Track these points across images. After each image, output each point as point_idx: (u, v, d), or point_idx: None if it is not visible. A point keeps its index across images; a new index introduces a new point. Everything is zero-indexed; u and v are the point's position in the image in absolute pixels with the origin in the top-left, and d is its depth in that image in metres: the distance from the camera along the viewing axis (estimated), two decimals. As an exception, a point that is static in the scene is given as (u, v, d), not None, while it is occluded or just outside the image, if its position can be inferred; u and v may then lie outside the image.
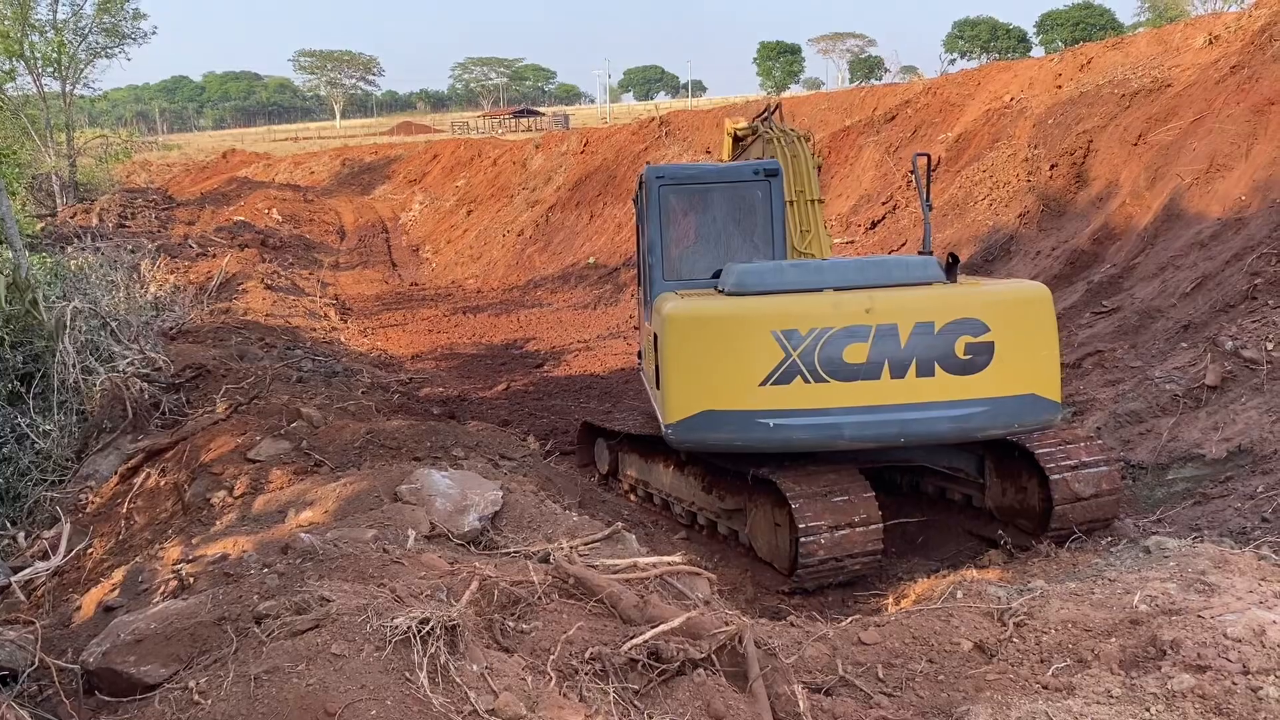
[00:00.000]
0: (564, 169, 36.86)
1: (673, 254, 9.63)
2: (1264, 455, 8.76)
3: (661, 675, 4.20)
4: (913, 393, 7.60)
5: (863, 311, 7.57)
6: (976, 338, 7.61)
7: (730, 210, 9.78)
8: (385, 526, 5.89)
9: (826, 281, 8.06)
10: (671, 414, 7.86)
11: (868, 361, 7.54)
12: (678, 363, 7.84)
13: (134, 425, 10.29)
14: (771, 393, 7.55)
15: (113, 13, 42.57)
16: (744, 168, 9.92)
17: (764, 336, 7.52)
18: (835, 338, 7.52)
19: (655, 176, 9.68)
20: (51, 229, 28.04)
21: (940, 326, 7.59)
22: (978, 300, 7.76)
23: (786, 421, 7.57)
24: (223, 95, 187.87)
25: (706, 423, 7.71)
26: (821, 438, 7.69)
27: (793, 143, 10.78)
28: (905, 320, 7.57)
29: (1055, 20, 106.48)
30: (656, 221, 9.56)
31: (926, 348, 7.58)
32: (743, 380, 7.59)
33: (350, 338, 20.56)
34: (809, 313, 7.61)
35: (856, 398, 7.57)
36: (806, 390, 7.54)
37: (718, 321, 7.79)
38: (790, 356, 7.50)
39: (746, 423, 7.61)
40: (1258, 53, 15.48)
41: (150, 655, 4.37)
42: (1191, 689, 3.91)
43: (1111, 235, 15.46)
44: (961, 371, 7.62)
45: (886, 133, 25.09)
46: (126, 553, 7.83)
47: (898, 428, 7.66)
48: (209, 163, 68.78)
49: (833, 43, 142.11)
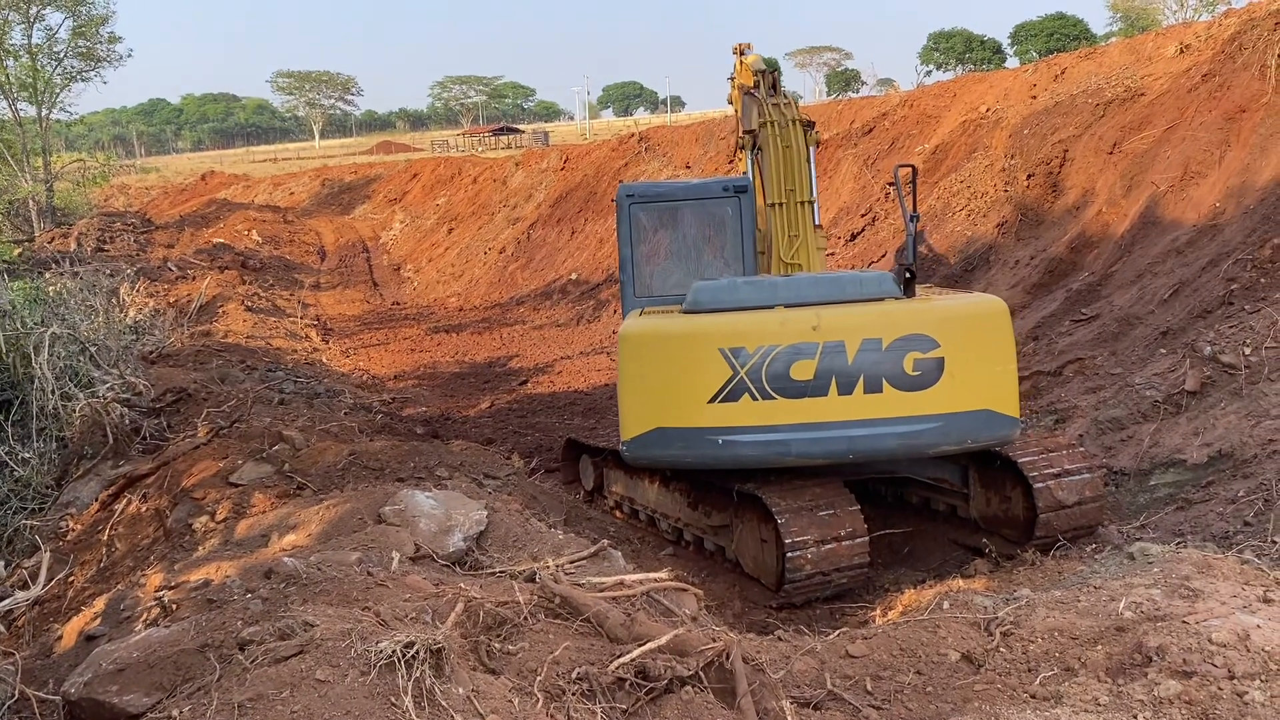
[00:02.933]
0: (544, 186, 36.89)
1: (644, 271, 9.70)
2: (1244, 459, 8.82)
3: (649, 694, 4.18)
4: (860, 409, 7.61)
5: (810, 329, 7.60)
6: (925, 354, 7.60)
7: (700, 227, 9.84)
8: (369, 549, 5.86)
9: (779, 298, 8.09)
10: (627, 430, 8.01)
11: (815, 378, 7.57)
12: (632, 381, 7.98)
13: (114, 451, 10.20)
14: (720, 410, 7.63)
15: (88, 36, 42.37)
16: (713, 184, 9.99)
17: (712, 354, 7.60)
18: (782, 355, 7.58)
19: (626, 195, 9.76)
20: (29, 254, 27.85)
21: (888, 343, 7.60)
22: (928, 316, 7.75)
23: (734, 438, 7.66)
24: (201, 117, 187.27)
25: (659, 440, 7.85)
26: (769, 454, 7.75)
27: (787, 129, 10.22)
28: (852, 337, 7.59)
29: (1029, 31, 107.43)
30: (627, 239, 9.64)
31: (874, 364, 7.59)
32: (692, 398, 7.69)
33: (332, 358, 20.48)
34: (756, 330, 7.67)
35: (804, 414, 7.60)
36: (754, 407, 7.60)
37: (668, 340, 7.92)
38: (738, 374, 7.57)
39: (696, 440, 7.72)
40: (1228, 61, 15.66)
41: (133, 684, 4.32)
42: (1178, 695, 3.92)
43: (1089, 243, 15.59)
44: (911, 388, 7.61)
45: (864, 145, 25.23)
46: (108, 580, 7.75)
47: (846, 444, 7.67)
48: (187, 185, 68.49)
49: (809, 56, 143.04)
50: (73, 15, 41.44)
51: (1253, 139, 13.82)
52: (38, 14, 40.50)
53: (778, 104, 10.51)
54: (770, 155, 10.10)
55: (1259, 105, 14.23)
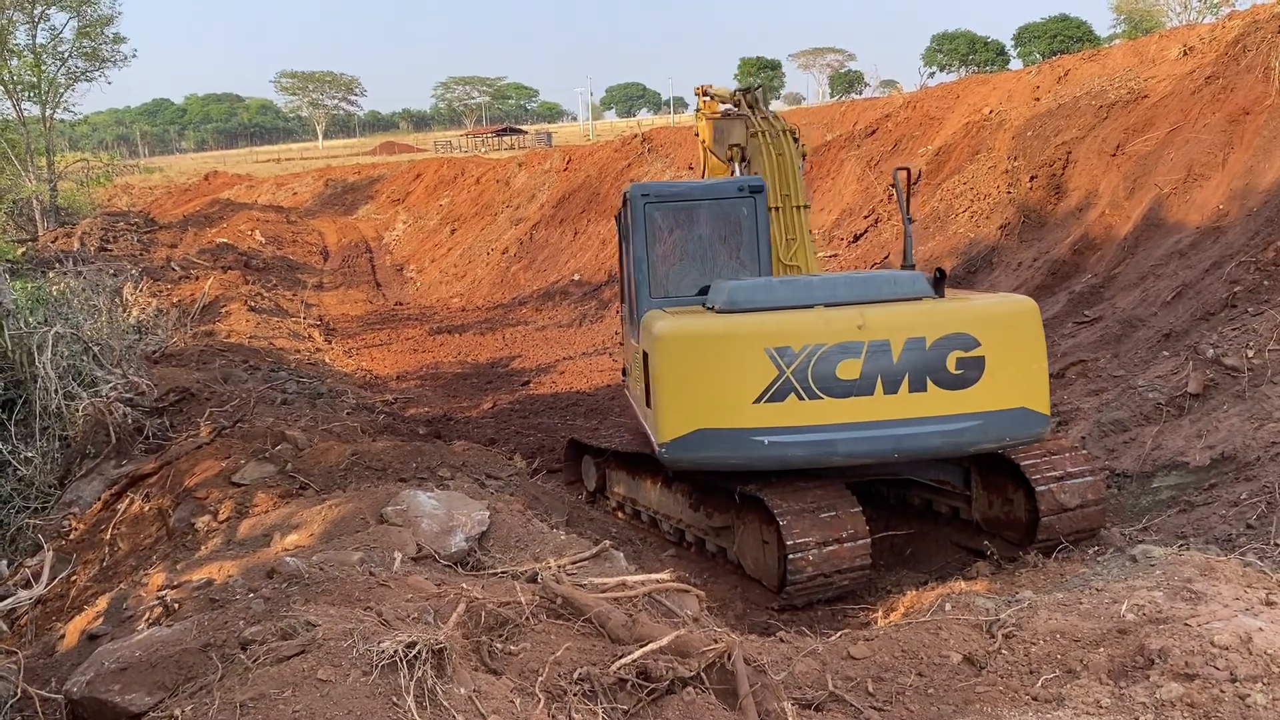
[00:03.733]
0: (547, 187, 36.91)
1: (659, 271, 9.57)
2: (1247, 462, 8.81)
3: (651, 695, 4.19)
4: (906, 408, 7.61)
5: (855, 328, 7.58)
6: (968, 352, 7.64)
7: (716, 227, 9.76)
8: (371, 549, 5.86)
9: (816, 298, 8.06)
10: (664, 433, 7.79)
11: (861, 377, 7.55)
12: (670, 381, 7.79)
13: (117, 450, 10.21)
14: (765, 410, 7.52)
15: (92, 37, 42.41)
16: (728, 184, 9.88)
17: (757, 354, 7.50)
18: (828, 354, 7.52)
19: (640, 194, 9.64)
20: (33, 254, 27.86)
21: (932, 342, 7.61)
22: (968, 315, 7.79)
23: (781, 439, 7.55)
24: (204, 117, 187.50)
25: (700, 441, 7.66)
26: (816, 455, 7.68)
27: (778, 138, 10.51)
28: (897, 336, 7.59)
29: (1032, 33, 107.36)
30: (643, 239, 9.51)
31: (919, 363, 7.60)
32: (737, 398, 7.56)
33: (335, 358, 20.49)
34: (802, 329, 7.60)
35: (850, 414, 7.57)
36: (800, 407, 7.52)
37: (710, 340, 7.76)
38: (784, 374, 7.49)
39: (741, 441, 7.58)
40: (1232, 63, 15.65)
41: (135, 683, 4.33)
42: (1180, 698, 3.92)
43: (1092, 245, 15.58)
44: (953, 386, 7.64)
45: (867, 146, 25.24)
46: (110, 580, 7.76)
47: (892, 443, 7.67)
48: (191, 185, 68.57)
49: (813, 58, 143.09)
50: (77, 15, 41.51)
51: (1256, 141, 13.81)
52: (42, 14, 40.58)
53: (765, 116, 10.95)
54: (765, 163, 10.45)
55: (1262, 108, 14.23)
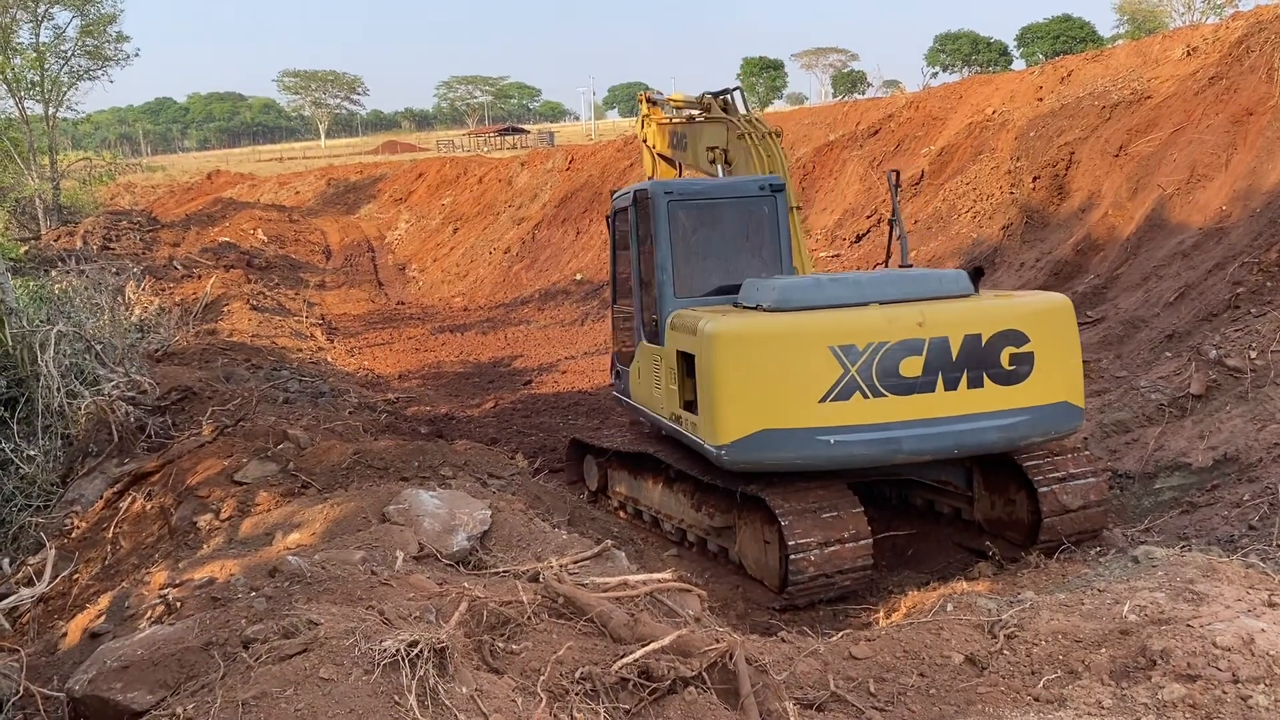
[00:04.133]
0: (549, 186, 36.92)
1: (683, 270, 9.41)
2: (1250, 463, 8.80)
3: (652, 694, 4.19)
4: (965, 404, 7.68)
5: (916, 325, 7.60)
6: (1019, 348, 7.74)
7: (737, 225, 9.67)
8: (373, 548, 5.87)
9: (868, 295, 8.05)
10: (723, 435, 7.62)
11: (923, 374, 7.57)
12: (730, 382, 7.62)
13: (119, 449, 10.22)
14: (831, 409, 7.47)
15: (95, 35, 42.44)
16: (749, 183, 9.81)
17: (822, 352, 7.45)
18: (892, 352, 7.52)
19: (663, 191, 9.48)
20: (35, 252, 27.89)
21: (987, 338, 7.68)
22: (1018, 311, 7.91)
23: (847, 438, 7.51)
24: (207, 116, 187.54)
25: (763, 442, 7.53)
26: (881, 453, 7.68)
27: (765, 140, 10.43)
28: (955, 333, 7.63)
29: (1035, 33, 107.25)
30: (666, 237, 9.34)
31: (976, 359, 7.67)
32: (802, 398, 7.47)
33: (337, 357, 20.51)
34: (866, 327, 7.58)
35: (913, 411, 7.58)
36: (866, 405, 7.50)
37: (775, 338, 7.66)
38: (849, 372, 7.45)
39: (806, 440, 7.50)
40: (1235, 64, 15.64)
41: (137, 682, 4.33)
42: (1182, 698, 3.92)
43: (1094, 246, 15.56)
44: (1007, 382, 7.74)
45: (870, 147, 25.22)
46: (113, 578, 7.77)
47: (953, 439, 7.73)
48: (193, 184, 68.61)
49: (815, 58, 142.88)
50: (80, 14, 41.53)
51: (1259, 142, 13.80)
52: (45, 12, 40.60)
53: (749, 118, 10.81)
54: (756, 165, 10.28)
55: (1266, 108, 14.21)
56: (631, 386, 10.52)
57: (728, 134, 10.84)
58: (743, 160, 10.52)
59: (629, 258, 10.53)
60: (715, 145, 11.03)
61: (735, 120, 10.80)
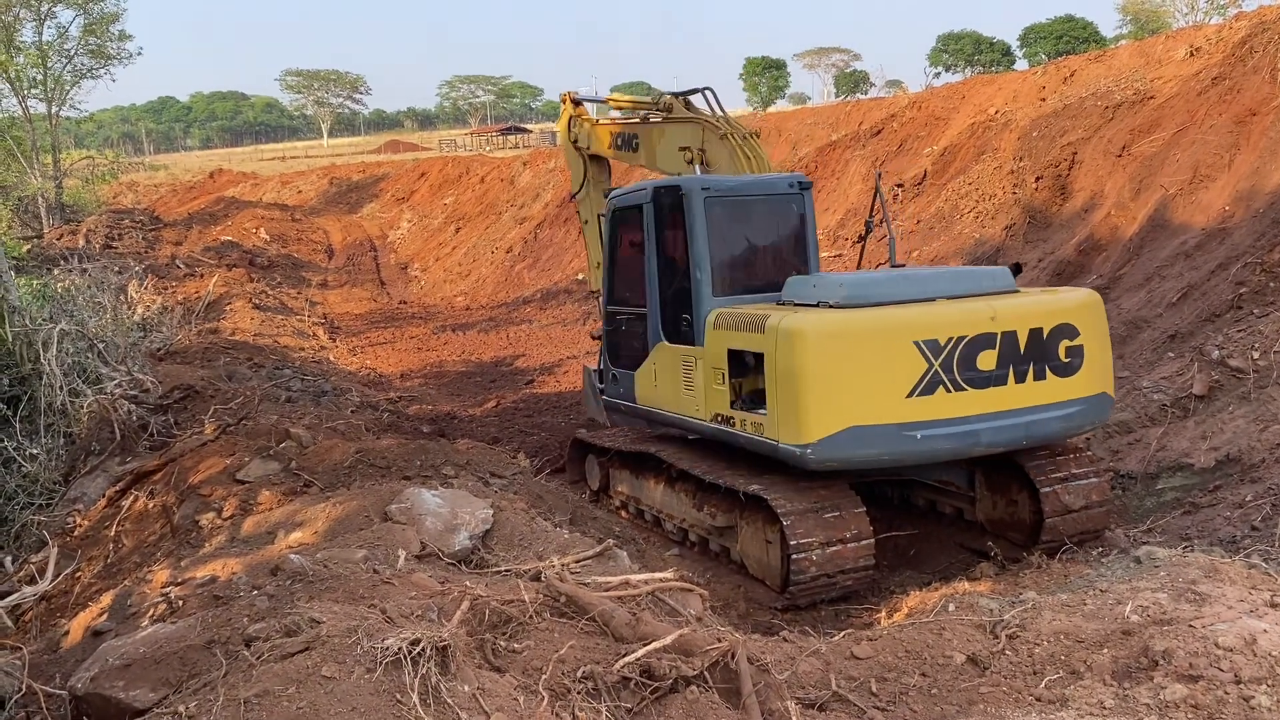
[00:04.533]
0: (552, 185, 36.90)
1: (720, 268, 9.24)
2: (1252, 464, 8.80)
3: (654, 693, 4.18)
4: (1032, 396, 7.88)
5: (988, 319, 7.73)
6: (1072, 341, 8.00)
7: (768, 223, 9.60)
8: (375, 546, 5.87)
9: (930, 291, 8.11)
10: (809, 433, 7.52)
11: (996, 368, 7.71)
12: (817, 379, 7.53)
13: (122, 447, 10.23)
14: (918, 404, 7.53)
15: (98, 34, 42.51)
16: (778, 180, 9.72)
17: (908, 347, 7.50)
18: (970, 345, 7.63)
19: (700, 188, 9.28)
20: (38, 251, 27.94)
21: (1047, 331, 7.89)
22: (1068, 305, 8.19)
23: (933, 432, 7.59)
24: (209, 115, 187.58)
25: (853, 439, 7.51)
26: (961, 446, 7.80)
27: (748, 140, 10.21)
28: (1022, 326, 7.81)
29: (1038, 33, 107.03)
30: (704, 234, 9.15)
31: (1039, 352, 7.86)
32: (891, 393, 7.51)
33: (339, 356, 20.51)
34: (946, 321, 7.67)
35: (990, 404, 7.73)
36: (948, 399, 7.60)
37: (863, 334, 7.66)
38: (932, 366, 7.52)
39: (895, 436, 7.53)
40: (1238, 64, 15.62)
41: (139, 680, 4.34)
42: (1184, 699, 3.91)
43: (1097, 246, 15.55)
44: (1064, 374, 7.98)
45: (873, 146, 25.20)
46: (115, 576, 7.77)
47: (1023, 430, 7.91)
48: (196, 183, 68.59)
49: (818, 57, 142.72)
50: (83, 13, 41.60)
51: (1263, 142, 13.78)
52: (49, 11, 40.67)
53: (727, 118, 10.62)
54: (742, 166, 9.99)
55: (1269, 109, 14.19)
56: (638, 390, 10.28)
57: (704, 134, 10.56)
58: (726, 161, 10.25)
59: (633, 258, 10.36)
60: (688, 145, 10.73)
61: (715, 121, 10.53)
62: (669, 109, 11.18)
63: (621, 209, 10.64)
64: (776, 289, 8.91)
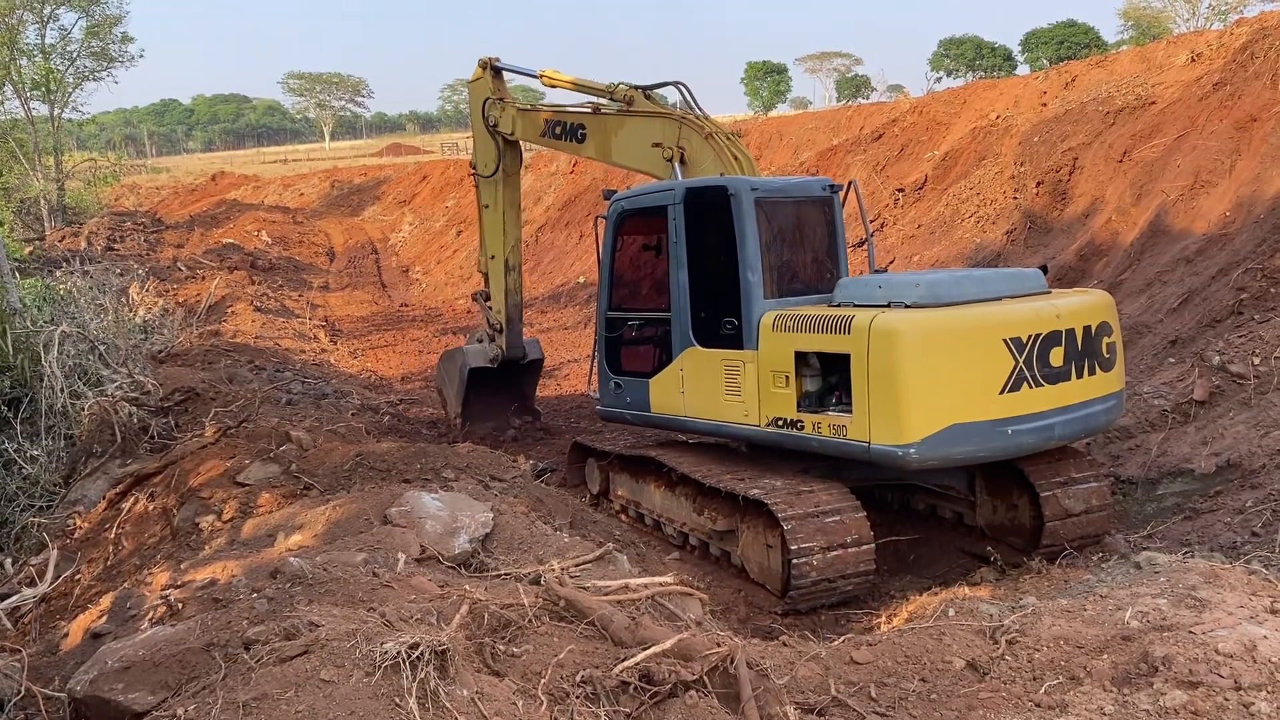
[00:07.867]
0: (553, 189, 36.94)
1: (770, 270, 9.01)
2: (1253, 469, 8.80)
3: (653, 698, 4.18)
4: (1088, 390, 8.18)
5: (1055, 317, 7.96)
6: (1110, 338, 8.39)
7: (806, 225, 9.50)
8: (375, 550, 5.86)
9: (990, 291, 8.27)
10: (911, 433, 7.52)
11: (1063, 364, 7.97)
12: (919, 379, 7.56)
13: (122, 450, 10.23)
14: (1008, 400, 7.69)
15: (101, 37, 42.63)
16: (811, 183, 9.65)
17: (997, 344, 7.66)
18: (1045, 342, 7.84)
19: (749, 189, 8.99)
20: (40, 253, 27.98)
21: (1095, 328, 8.20)
22: (1102, 305, 8.52)
23: (1020, 427, 7.75)
24: (211, 118, 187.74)
25: (955, 436, 7.60)
26: (1040, 440, 7.99)
27: (733, 141, 9.95)
28: (1078, 324, 8.10)
29: (1040, 38, 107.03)
30: (754, 237, 8.88)
31: (1091, 349, 8.16)
32: (986, 390, 7.66)
33: (340, 359, 20.51)
34: (1026, 320, 7.86)
35: (1061, 399, 7.98)
36: (1030, 395, 7.80)
37: (959, 333, 7.75)
38: (1018, 363, 7.70)
39: (990, 432, 7.67)
40: (1240, 70, 15.62)
41: (138, 682, 4.34)
42: (1183, 705, 3.91)
43: (1098, 251, 15.55)
44: (1106, 369, 8.33)
45: (874, 151, 25.20)
46: (114, 579, 7.77)
47: (1082, 424, 8.23)
48: (198, 185, 68.62)
49: (819, 62, 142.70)
50: (86, 15, 41.71)
51: (1263, 148, 13.78)
52: (51, 13, 40.76)
53: (709, 117, 10.39)
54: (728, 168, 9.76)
55: (1270, 115, 14.19)
56: (655, 398, 9.99)
57: (681, 131, 10.23)
58: (710, 161, 9.94)
59: (648, 261, 10.12)
60: (662, 143, 10.39)
61: (698, 119, 10.23)
62: (629, 101, 10.91)
63: (634, 210, 10.28)
64: (815, 291, 8.99)
